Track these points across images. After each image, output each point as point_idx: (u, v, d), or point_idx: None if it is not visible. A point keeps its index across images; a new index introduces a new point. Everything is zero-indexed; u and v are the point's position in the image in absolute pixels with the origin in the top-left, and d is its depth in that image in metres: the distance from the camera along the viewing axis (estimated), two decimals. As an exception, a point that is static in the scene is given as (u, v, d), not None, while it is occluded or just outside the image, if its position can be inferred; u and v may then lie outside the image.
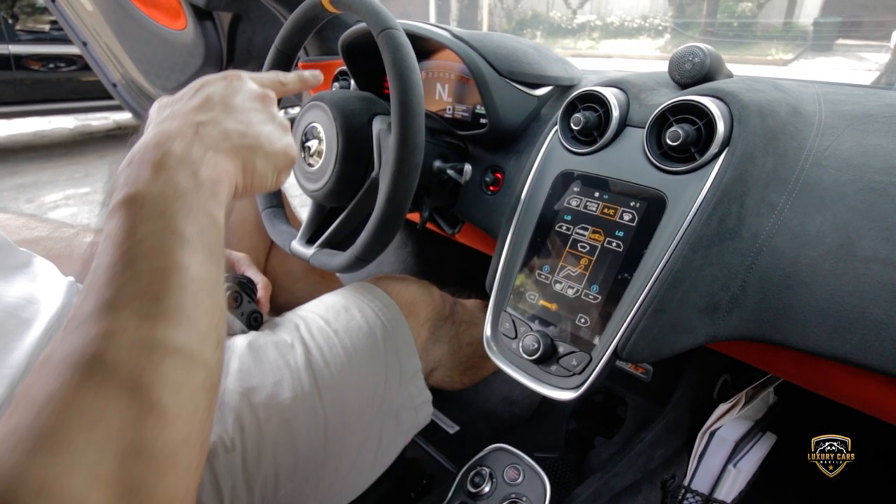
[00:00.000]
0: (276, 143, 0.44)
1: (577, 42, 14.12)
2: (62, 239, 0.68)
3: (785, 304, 0.50)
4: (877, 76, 5.71)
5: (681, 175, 0.53)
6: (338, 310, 0.70)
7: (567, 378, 0.55)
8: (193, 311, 0.32)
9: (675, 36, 12.59)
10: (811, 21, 10.57)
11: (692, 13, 12.30)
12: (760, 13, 11.44)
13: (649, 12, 13.37)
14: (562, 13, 14.81)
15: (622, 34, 13.60)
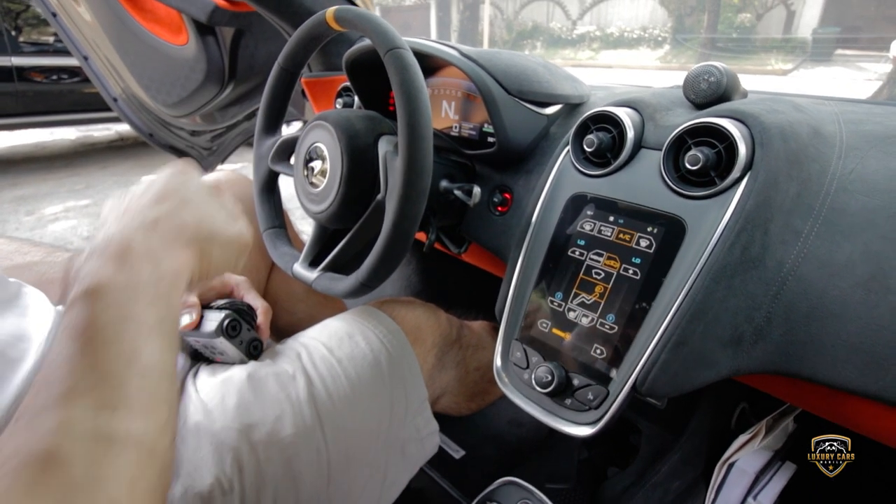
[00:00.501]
0: (229, 230, 0.47)
1: (577, 52, 14.21)
2: (56, 263, 0.65)
3: (813, 336, 0.47)
4: (879, 87, 5.72)
5: (700, 200, 0.50)
6: (341, 336, 0.68)
7: (583, 412, 0.52)
8: (154, 399, 0.32)
9: (674, 46, 12.66)
10: (810, 32, 10.64)
11: (691, 24, 12.38)
12: (759, 24, 11.52)
13: (649, 23, 13.46)
14: (562, 24, 14.92)
15: (622, 45, 13.68)
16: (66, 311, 0.33)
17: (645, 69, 12.18)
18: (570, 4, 14.62)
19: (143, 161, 4.23)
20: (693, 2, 12.11)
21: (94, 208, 3.14)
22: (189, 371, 0.64)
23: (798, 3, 10.86)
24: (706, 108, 0.57)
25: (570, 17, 14.60)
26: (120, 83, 1.54)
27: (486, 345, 0.85)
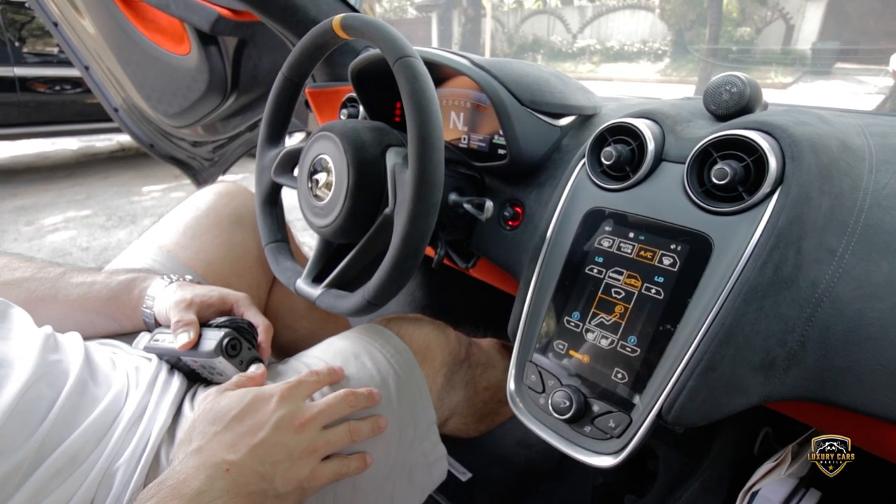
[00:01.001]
0: (290, 482, 0.50)
1: (577, 65, 14.31)
2: (46, 280, 0.63)
3: (851, 362, 0.44)
4: (882, 100, 5.73)
5: (728, 216, 0.48)
6: (346, 356, 0.65)
7: (604, 441, 0.49)
8: None
9: (674, 60, 12.74)
10: (809, 46, 10.71)
11: (691, 38, 12.47)
12: (759, 38, 11.60)
13: (648, 37, 13.56)
14: (562, 37, 15.05)
15: (622, 58, 13.78)
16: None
17: (645, 82, 12.26)
18: (571, 18, 14.74)
19: (144, 172, 4.22)
20: (693, 16, 12.21)
21: (94, 219, 3.12)
22: (186, 393, 0.61)
23: (797, 17, 10.95)
24: (728, 119, 0.55)
25: (570, 31, 14.71)
26: (121, 93, 1.52)
27: (496, 363, 0.81)
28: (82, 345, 0.55)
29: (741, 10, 11.53)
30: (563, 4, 15.18)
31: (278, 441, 0.50)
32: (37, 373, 0.46)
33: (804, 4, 11.01)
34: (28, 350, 0.47)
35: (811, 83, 10.02)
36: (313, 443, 0.52)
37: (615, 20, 14.20)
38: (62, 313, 0.62)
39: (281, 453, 0.50)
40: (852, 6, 10.38)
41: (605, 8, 14.33)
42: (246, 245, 0.83)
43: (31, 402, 0.45)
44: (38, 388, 0.46)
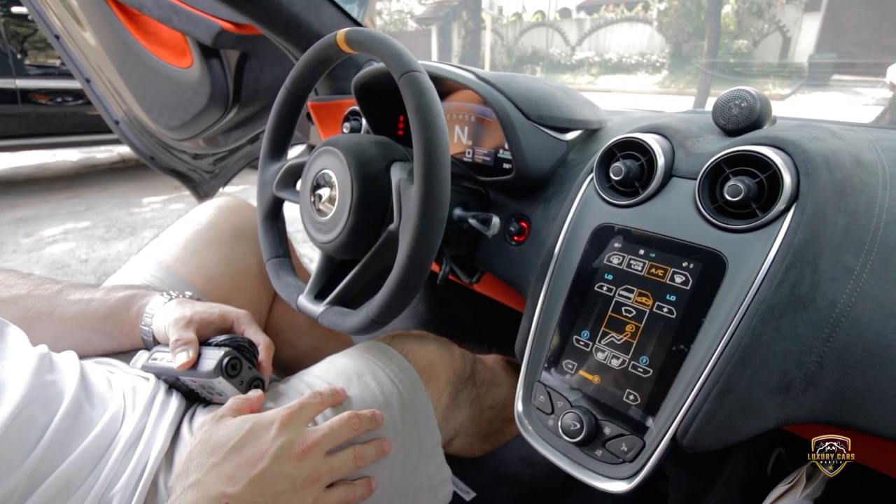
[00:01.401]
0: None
1: (576, 77, 14.39)
2: (43, 297, 0.61)
3: (871, 384, 0.43)
4: (880, 112, 5.76)
5: (742, 233, 0.47)
6: (349, 376, 0.63)
7: (616, 466, 0.48)
8: None
9: (672, 72, 12.83)
10: (806, 58, 10.78)
11: (689, 50, 12.56)
12: (756, 50, 11.68)
13: (647, 49, 13.66)
14: (561, 50, 15.16)
15: (620, 70, 13.86)
16: None
17: (643, 93, 12.32)
18: (570, 31, 14.86)
19: (144, 183, 4.22)
20: (690, 28, 12.31)
21: (93, 231, 3.11)
22: (185, 414, 0.59)
23: (794, 29, 11.04)
24: (738, 134, 0.54)
25: (569, 43, 14.83)
26: (122, 106, 1.52)
27: (501, 381, 0.80)
28: (78, 364, 0.54)
29: (738, 22, 11.63)
30: (562, 17, 15.30)
31: (279, 471, 0.48)
32: (29, 395, 0.45)
33: (801, 17, 11.10)
34: (22, 371, 0.46)
35: (809, 95, 10.08)
36: (316, 470, 0.51)
37: (613, 33, 14.31)
38: (59, 331, 0.61)
39: (283, 484, 0.48)
40: (848, 19, 10.47)
41: (604, 21, 14.45)
42: (247, 260, 0.82)
43: (24, 425, 0.43)
44: (30, 411, 0.44)
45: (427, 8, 15.90)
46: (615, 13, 14.39)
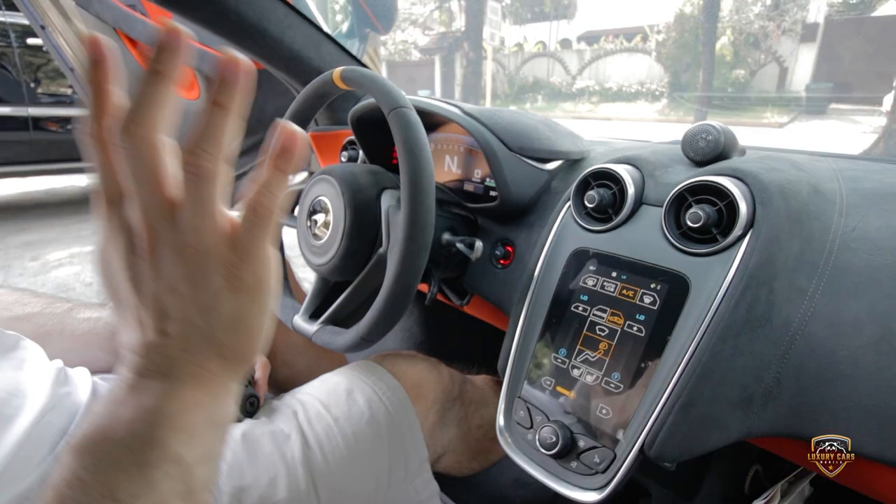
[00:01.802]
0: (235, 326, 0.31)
1: (576, 105, 14.63)
2: (55, 315, 0.65)
3: (825, 398, 0.46)
4: (875, 140, 5.84)
5: (703, 257, 0.50)
6: (339, 393, 0.66)
7: (589, 476, 0.50)
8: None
9: (671, 101, 13.03)
10: (803, 87, 10.95)
11: (687, 80, 12.79)
12: (753, 80, 11.88)
13: (646, 78, 13.91)
14: (562, 79, 15.44)
15: (620, 99, 14.10)
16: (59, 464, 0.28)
17: (643, 121, 12.50)
18: (570, 61, 15.17)
19: (150, 208, 4.29)
20: (688, 59, 12.56)
21: (98, 254, 3.15)
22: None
23: (790, 60, 11.25)
24: (705, 165, 0.58)
25: (569, 73, 15.11)
26: (132, 135, 1.57)
27: (489, 401, 0.82)
28: (90, 379, 0.57)
29: (735, 53, 11.86)
30: (563, 48, 15.65)
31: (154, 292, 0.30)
32: (49, 404, 0.48)
33: (797, 48, 11.32)
34: (41, 381, 0.49)
35: (807, 123, 10.20)
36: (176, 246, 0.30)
37: (613, 63, 14.60)
38: (68, 348, 0.64)
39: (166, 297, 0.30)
40: (844, 50, 10.67)
41: (603, 51, 14.76)
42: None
43: (42, 432, 0.46)
44: (48, 419, 0.47)
45: (430, 39, 16.28)
46: (615, 44, 14.71)
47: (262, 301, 0.31)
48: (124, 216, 0.29)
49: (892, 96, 6.77)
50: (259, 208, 0.30)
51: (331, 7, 5.61)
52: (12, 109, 3.78)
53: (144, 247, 0.29)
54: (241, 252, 0.29)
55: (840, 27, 10.80)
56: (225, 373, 0.31)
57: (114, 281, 0.31)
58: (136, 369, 0.29)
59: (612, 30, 14.65)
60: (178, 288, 0.29)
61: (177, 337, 0.29)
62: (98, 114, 0.28)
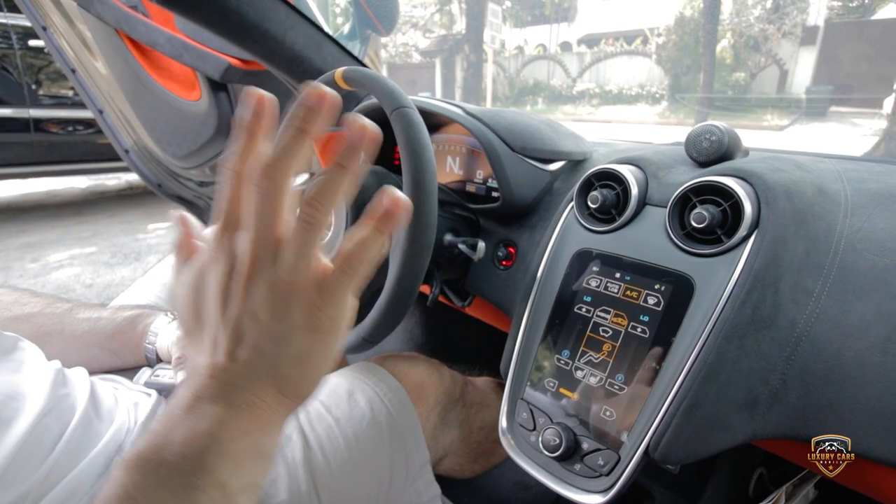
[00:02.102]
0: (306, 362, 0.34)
1: (577, 108, 14.64)
2: (54, 315, 0.65)
3: (831, 400, 0.45)
4: (876, 142, 5.85)
5: (708, 258, 0.50)
6: (340, 394, 0.66)
7: (593, 479, 0.50)
8: None
9: (672, 103, 13.04)
10: (804, 90, 10.96)
11: (687, 82, 12.80)
12: (754, 83, 11.89)
13: (646, 81, 13.93)
14: (562, 81, 15.45)
15: (620, 101, 14.10)
16: (111, 475, 0.29)
17: (643, 124, 12.51)
18: (570, 63, 15.19)
19: (150, 210, 4.29)
20: (689, 61, 12.57)
21: (99, 256, 3.16)
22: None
23: (790, 62, 11.26)
24: (708, 166, 0.57)
25: (570, 75, 15.13)
26: (132, 135, 1.58)
27: (491, 402, 0.82)
28: (88, 380, 0.57)
29: (735, 56, 11.88)
30: (563, 50, 15.67)
31: (239, 314, 0.33)
32: (47, 406, 0.47)
33: (797, 51, 11.33)
34: (39, 383, 0.49)
35: (807, 125, 10.20)
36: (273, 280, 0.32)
37: (613, 65, 14.62)
38: (68, 347, 0.64)
39: (246, 322, 0.33)
40: (844, 53, 10.68)
41: (604, 54, 14.78)
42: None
43: (41, 434, 0.46)
44: (47, 421, 0.47)
45: (431, 41, 16.31)
46: (615, 47, 14.73)
47: (330, 343, 0.33)
48: (234, 244, 0.32)
49: (892, 99, 6.78)
50: (353, 261, 0.33)
51: (332, 10, 5.62)
52: (13, 111, 3.79)
53: (243, 273, 0.31)
54: (325, 296, 0.32)
55: (840, 30, 10.81)
56: (279, 407, 0.32)
57: (198, 299, 0.33)
58: (198, 390, 0.30)
59: (613, 32, 14.67)
60: (260, 316, 0.31)
61: (244, 363, 0.31)
62: (245, 155, 0.32)
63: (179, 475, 0.28)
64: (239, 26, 0.84)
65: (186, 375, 0.33)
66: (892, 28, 10.10)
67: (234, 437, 0.30)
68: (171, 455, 0.29)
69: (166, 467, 0.28)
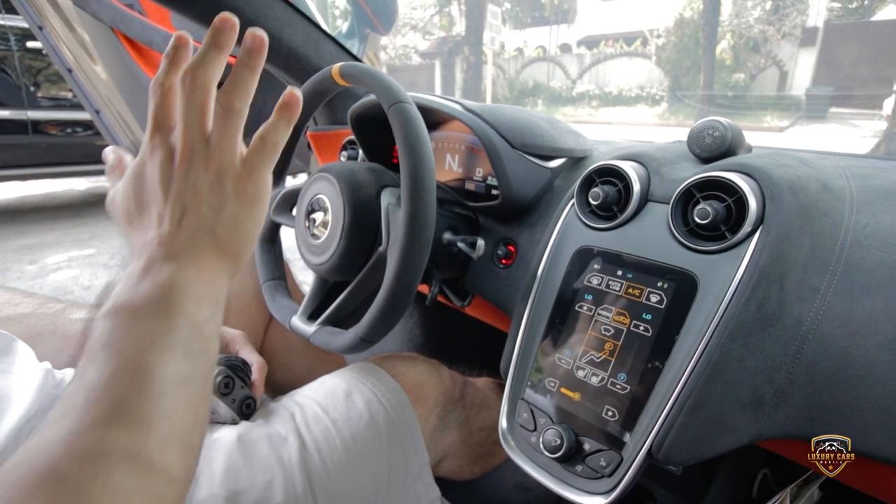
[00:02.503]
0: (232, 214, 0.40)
1: (576, 110, 14.65)
2: (47, 315, 0.64)
3: (838, 399, 0.44)
4: (876, 143, 5.84)
5: (712, 254, 0.49)
6: (337, 395, 0.65)
7: (595, 481, 0.49)
8: (154, 414, 0.31)
9: (672, 104, 13.04)
10: (803, 91, 10.96)
11: (687, 84, 12.81)
12: (753, 84, 11.90)
13: (646, 82, 13.93)
14: (562, 83, 15.46)
15: (620, 103, 14.11)
16: (92, 328, 0.35)
17: (643, 125, 12.51)
18: (570, 65, 15.20)
19: (149, 211, 4.28)
20: (688, 63, 12.58)
21: (97, 258, 3.15)
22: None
23: (790, 63, 11.27)
24: (711, 162, 0.56)
25: (569, 77, 15.14)
26: (130, 136, 1.57)
27: (491, 403, 0.81)
28: None
29: (735, 57, 11.89)
30: (563, 52, 15.68)
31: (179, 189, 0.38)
32: (33, 408, 0.46)
33: (797, 52, 11.34)
34: (28, 385, 0.48)
35: (807, 127, 10.20)
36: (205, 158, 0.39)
37: (613, 67, 14.63)
38: (60, 348, 0.63)
39: (187, 194, 0.39)
40: (843, 54, 10.69)
41: (603, 55, 14.79)
42: (244, 283, 0.84)
43: (27, 436, 0.45)
44: (33, 424, 0.46)
45: (431, 43, 16.33)
46: (614, 48, 14.74)
47: (257, 210, 0.41)
48: (168, 139, 0.39)
49: (892, 100, 6.78)
50: (266, 140, 0.41)
51: (331, 11, 5.62)
52: (12, 113, 3.78)
53: (180, 157, 0.38)
54: (249, 169, 0.40)
55: (840, 31, 10.82)
56: (220, 263, 0.39)
57: (138, 190, 0.40)
58: (149, 258, 0.37)
59: (612, 34, 14.68)
60: (200, 188, 0.38)
61: (188, 228, 0.38)
62: (170, 72, 0.39)
63: (153, 314, 0.34)
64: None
65: (133, 254, 0.39)
66: (892, 29, 10.11)
67: (188, 283, 0.36)
68: (140, 301, 0.34)
69: (139, 311, 0.34)
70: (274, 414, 0.63)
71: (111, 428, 0.29)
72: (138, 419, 0.30)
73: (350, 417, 0.62)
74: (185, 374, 0.34)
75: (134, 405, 0.31)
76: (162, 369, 0.32)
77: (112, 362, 0.32)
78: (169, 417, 0.32)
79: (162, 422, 0.31)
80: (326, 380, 0.69)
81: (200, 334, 0.36)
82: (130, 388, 0.31)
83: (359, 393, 0.65)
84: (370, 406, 0.64)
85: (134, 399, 0.31)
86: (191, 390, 0.34)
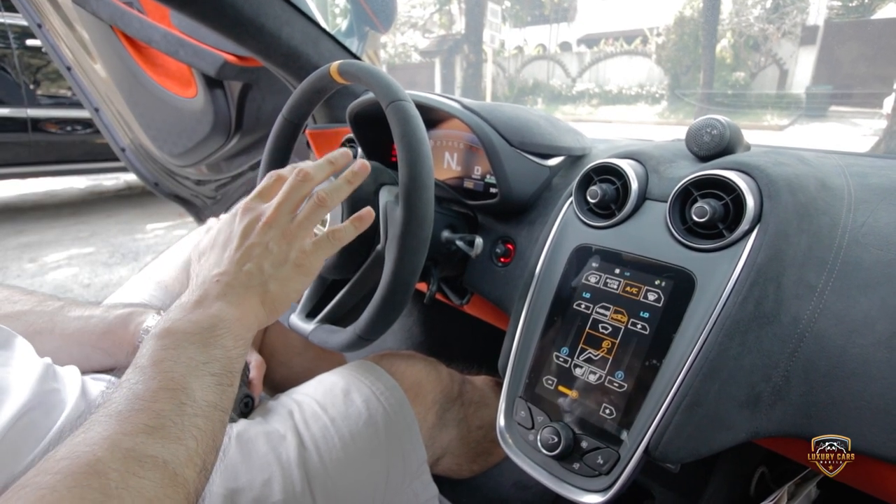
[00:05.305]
0: (279, 264, 0.49)
1: (576, 108, 14.62)
2: (45, 313, 0.64)
3: (835, 397, 0.44)
4: (876, 141, 5.83)
5: (709, 253, 0.49)
6: (336, 394, 0.65)
7: (592, 478, 0.49)
8: (186, 431, 0.35)
9: (672, 102, 13.01)
10: (803, 90, 10.93)
11: (687, 82, 12.78)
12: (753, 83, 11.87)
13: (646, 81, 13.91)
14: (562, 81, 15.42)
15: (620, 101, 14.08)
16: (143, 345, 0.41)
17: (643, 124, 12.48)
18: (570, 63, 15.17)
19: (148, 210, 4.28)
20: (688, 61, 12.56)
21: (96, 256, 3.15)
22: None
23: (790, 62, 11.25)
24: (710, 160, 0.56)
25: (569, 75, 15.11)
26: (129, 134, 1.57)
27: (490, 401, 0.81)
28: (80, 378, 0.56)
29: (735, 55, 11.86)
30: (562, 51, 15.64)
31: (250, 243, 0.49)
32: (32, 401, 0.46)
33: (797, 51, 11.31)
34: (26, 378, 0.48)
35: (807, 125, 10.16)
36: (286, 229, 0.50)
37: (613, 65, 14.60)
38: (59, 346, 0.63)
39: (257, 250, 0.48)
40: (843, 52, 10.66)
41: (603, 54, 14.76)
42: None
43: (25, 429, 0.45)
44: (32, 416, 0.46)
45: (430, 42, 16.28)
46: (614, 47, 14.70)
47: (303, 280, 0.50)
48: (261, 207, 0.50)
49: (892, 98, 6.77)
50: (334, 237, 0.52)
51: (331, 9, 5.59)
52: (11, 111, 3.78)
53: (265, 221, 0.49)
54: (314, 248, 0.51)
55: (840, 30, 10.79)
56: (257, 313, 0.47)
57: (219, 236, 0.51)
58: (206, 290, 0.45)
59: (612, 33, 14.64)
60: (271, 248, 0.48)
61: (246, 274, 0.47)
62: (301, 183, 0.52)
63: (198, 338, 0.41)
64: (235, 21, 0.83)
65: (191, 287, 0.47)
66: (892, 28, 10.08)
67: (232, 321, 0.44)
68: (190, 326, 0.42)
69: (188, 334, 0.41)
70: (272, 412, 0.63)
71: (150, 436, 0.33)
72: (173, 433, 0.34)
73: (348, 415, 0.62)
74: (216, 400, 0.39)
75: (172, 419, 0.35)
76: (200, 392, 0.38)
77: (158, 378, 0.37)
78: (196, 437, 0.36)
79: (190, 440, 0.35)
80: (325, 378, 0.69)
81: (231, 368, 0.42)
82: (171, 403, 0.36)
83: (357, 391, 0.65)
84: (368, 404, 0.64)
85: (173, 414, 0.35)
86: (218, 416, 0.39)
